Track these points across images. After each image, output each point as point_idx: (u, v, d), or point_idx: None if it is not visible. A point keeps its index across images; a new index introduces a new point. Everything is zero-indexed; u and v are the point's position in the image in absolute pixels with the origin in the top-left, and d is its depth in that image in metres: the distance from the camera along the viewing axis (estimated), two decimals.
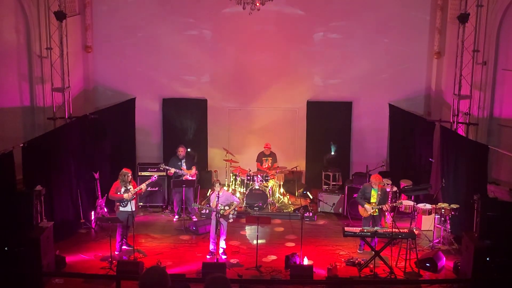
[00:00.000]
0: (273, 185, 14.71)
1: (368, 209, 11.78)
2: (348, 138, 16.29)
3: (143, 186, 12.01)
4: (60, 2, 13.24)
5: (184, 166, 13.77)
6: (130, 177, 11.79)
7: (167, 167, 13.73)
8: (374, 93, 15.98)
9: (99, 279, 10.62)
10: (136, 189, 11.73)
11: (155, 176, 12.56)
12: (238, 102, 16.28)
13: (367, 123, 16.17)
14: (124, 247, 11.82)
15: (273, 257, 11.70)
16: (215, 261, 11.10)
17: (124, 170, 11.79)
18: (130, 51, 15.82)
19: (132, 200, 11.64)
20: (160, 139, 16.41)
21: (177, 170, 13.66)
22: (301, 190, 15.22)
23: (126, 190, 11.61)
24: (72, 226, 12.78)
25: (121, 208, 11.64)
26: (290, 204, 14.77)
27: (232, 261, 11.52)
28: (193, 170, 13.88)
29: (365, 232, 11.10)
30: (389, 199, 12.38)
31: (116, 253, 11.56)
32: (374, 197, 11.85)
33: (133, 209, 11.73)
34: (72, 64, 14.05)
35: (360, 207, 12.04)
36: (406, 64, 15.79)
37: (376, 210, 11.82)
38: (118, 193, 11.60)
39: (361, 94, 16.06)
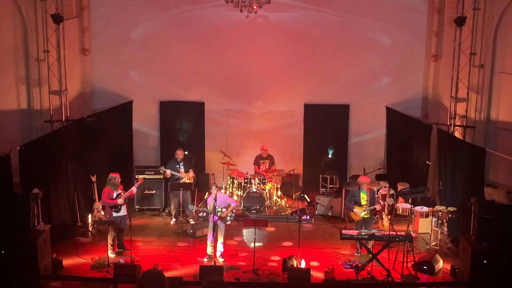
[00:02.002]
0: (270, 188, 14.71)
1: (357, 213, 11.77)
2: (345, 141, 16.29)
3: (134, 189, 11.99)
4: (57, 5, 13.26)
5: (182, 169, 13.78)
6: (119, 180, 11.77)
7: (166, 170, 13.74)
8: (371, 96, 15.99)
9: (96, 282, 10.60)
10: (127, 193, 11.70)
11: (141, 177, 12.62)
12: (235, 105, 16.28)
13: (364, 126, 16.19)
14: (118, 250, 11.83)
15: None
16: (213, 264, 11.08)
17: (112, 175, 11.78)
18: (128, 54, 15.81)
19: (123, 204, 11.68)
20: (157, 142, 16.39)
21: (174, 173, 13.66)
22: (299, 193, 15.23)
23: (118, 195, 11.61)
24: (69, 229, 12.75)
25: (115, 214, 11.63)
26: (287, 207, 14.77)
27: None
28: (191, 173, 13.88)
29: (362, 235, 11.10)
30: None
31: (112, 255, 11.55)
32: (364, 199, 11.85)
33: (126, 213, 11.76)
34: (69, 67, 14.06)
35: (351, 212, 12.03)
36: (403, 66, 15.81)
37: (368, 212, 11.82)
38: (111, 199, 11.59)
39: (359, 97, 16.07)
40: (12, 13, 13.26)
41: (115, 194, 11.64)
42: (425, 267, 11.07)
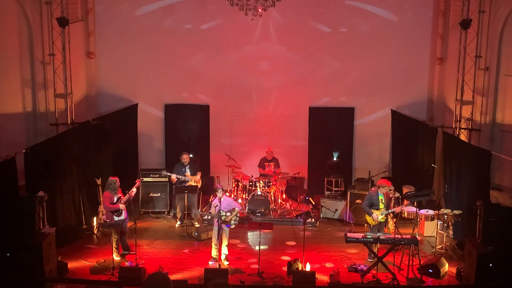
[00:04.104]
0: (275, 191, 14.70)
1: (375, 218, 11.67)
2: (350, 144, 16.29)
3: (134, 190, 11.97)
4: (62, 8, 13.31)
5: (188, 172, 13.77)
6: (118, 184, 11.77)
7: (168, 173, 13.73)
8: (377, 99, 15.99)
9: (101, 285, 10.59)
10: (126, 197, 11.68)
11: (139, 180, 12.54)
12: (240, 108, 16.30)
13: (369, 129, 16.18)
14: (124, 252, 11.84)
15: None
16: (217, 267, 11.08)
17: (111, 179, 11.76)
18: (133, 57, 15.86)
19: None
20: (162, 145, 16.42)
21: (179, 177, 13.65)
22: (304, 196, 15.21)
23: (118, 199, 11.62)
24: (74, 232, 12.77)
25: (116, 218, 11.64)
26: (292, 210, 14.76)
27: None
28: (198, 176, 13.85)
29: (367, 238, 11.05)
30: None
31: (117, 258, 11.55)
32: (382, 203, 11.75)
33: (126, 216, 11.80)
34: (74, 70, 14.10)
35: (367, 216, 11.93)
36: (409, 69, 15.80)
37: (384, 216, 11.74)
38: (112, 204, 11.61)
39: (364, 100, 16.09)
40: (17, 17, 13.29)
41: (115, 199, 11.65)
42: (431, 271, 11.03)
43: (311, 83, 16.13)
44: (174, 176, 13.68)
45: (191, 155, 14.28)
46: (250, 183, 14.60)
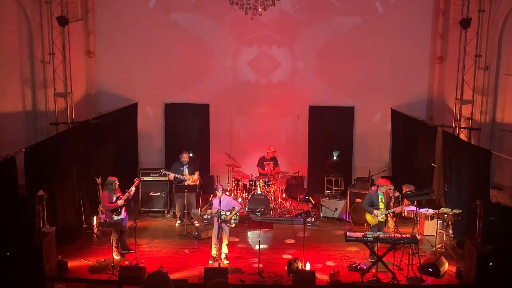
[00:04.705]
0: (275, 190, 14.71)
1: (377, 214, 11.63)
2: (350, 143, 16.29)
3: (133, 188, 11.96)
4: (62, 7, 13.31)
5: (186, 171, 13.76)
6: (117, 184, 11.77)
7: (166, 172, 13.73)
8: (376, 98, 15.99)
9: (101, 284, 10.60)
10: (126, 195, 11.68)
11: (137, 178, 12.50)
12: (240, 107, 16.30)
13: (369, 128, 16.18)
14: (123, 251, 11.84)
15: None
16: (217, 266, 11.08)
17: (110, 179, 11.74)
18: (133, 56, 15.85)
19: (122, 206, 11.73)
20: (162, 144, 16.42)
21: (178, 176, 13.65)
22: (303, 195, 15.22)
23: (117, 198, 11.63)
24: (74, 231, 12.77)
25: (115, 217, 11.63)
26: (292, 209, 14.76)
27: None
28: (196, 176, 13.86)
29: (367, 237, 11.04)
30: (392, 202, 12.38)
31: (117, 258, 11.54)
32: (382, 202, 11.74)
33: (125, 215, 11.80)
34: (74, 69, 14.11)
35: (368, 215, 11.90)
36: (408, 69, 15.80)
37: (384, 216, 11.73)
38: (111, 203, 11.60)
39: (363, 99, 16.08)
40: (17, 16, 13.30)
41: (114, 198, 11.65)
42: (430, 270, 11.03)
43: (311, 82, 16.11)
44: (171, 175, 13.68)
45: (191, 154, 14.27)
46: (250, 182, 14.61)
